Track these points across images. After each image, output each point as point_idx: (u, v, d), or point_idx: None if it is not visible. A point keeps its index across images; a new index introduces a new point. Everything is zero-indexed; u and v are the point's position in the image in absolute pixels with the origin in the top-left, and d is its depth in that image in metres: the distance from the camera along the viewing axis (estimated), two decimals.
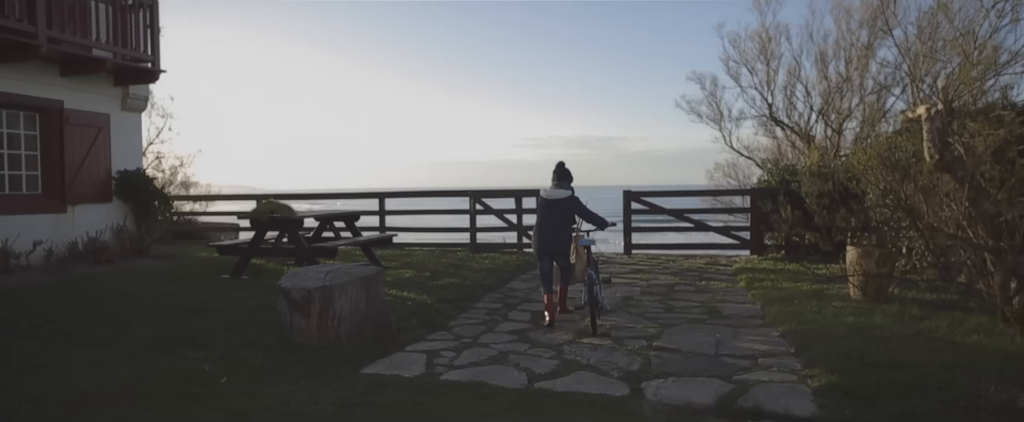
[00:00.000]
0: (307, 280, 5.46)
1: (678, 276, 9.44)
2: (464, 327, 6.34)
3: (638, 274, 9.67)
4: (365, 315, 5.62)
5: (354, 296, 5.51)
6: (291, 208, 8.91)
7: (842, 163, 10.09)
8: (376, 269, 5.85)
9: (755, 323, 6.36)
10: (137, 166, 12.20)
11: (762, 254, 11.26)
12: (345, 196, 14.29)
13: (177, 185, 22.86)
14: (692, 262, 11.04)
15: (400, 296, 7.54)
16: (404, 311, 6.68)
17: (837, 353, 4.84)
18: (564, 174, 6.66)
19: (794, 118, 14.96)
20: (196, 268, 9.94)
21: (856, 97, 13.68)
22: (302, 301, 5.31)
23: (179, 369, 4.81)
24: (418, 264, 10.28)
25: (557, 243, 6.47)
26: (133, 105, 11.87)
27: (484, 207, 12.40)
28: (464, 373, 4.84)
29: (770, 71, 14.56)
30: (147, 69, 11.29)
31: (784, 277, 8.79)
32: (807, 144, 13.98)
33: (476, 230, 12.45)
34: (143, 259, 11.08)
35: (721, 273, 9.78)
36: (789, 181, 11.14)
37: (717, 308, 7.14)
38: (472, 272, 9.49)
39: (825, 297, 7.22)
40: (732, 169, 16.12)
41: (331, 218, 10.41)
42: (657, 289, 8.40)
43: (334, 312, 5.35)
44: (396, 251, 12.21)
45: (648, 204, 11.82)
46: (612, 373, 4.80)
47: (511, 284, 8.91)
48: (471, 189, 12.54)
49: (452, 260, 10.85)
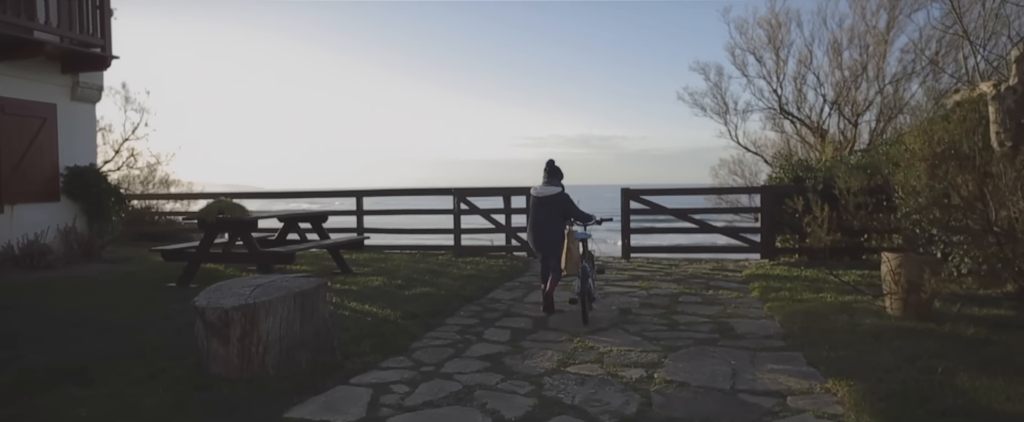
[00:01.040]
0: (227, 297, 4.42)
1: (682, 284, 8.40)
2: (428, 350, 5.30)
3: (637, 281, 8.63)
4: (300, 339, 4.59)
5: (286, 316, 4.48)
6: (244, 208, 7.88)
7: (884, 152, 9.03)
8: (317, 282, 4.81)
9: (776, 345, 5.33)
10: (90, 162, 11.16)
11: (774, 258, 10.23)
12: (321, 194, 13.22)
13: (156, 183, 21.87)
14: (697, 267, 10.00)
15: (360, 310, 6.51)
16: (359, 330, 5.64)
17: (890, 393, 3.80)
18: (554, 171, 6.69)
19: (805, 111, 13.90)
20: (145, 274, 8.91)
21: (874, 87, 12.60)
22: (218, 323, 4.28)
23: (48, 412, 3.77)
24: (392, 270, 9.25)
25: (548, 240, 6.52)
26: (84, 95, 10.82)
27: (469, 206, 11.37)
28: (414, 418, 3.81)
29: (779, 60, 13.51)
30: (97, 55, 10.26)
31: (802, 286, 7.75)
32: (820, 139, 12.93)
33: (461, 231, 11.42)
34: (92, 263, 10.06)
35: (730, 280, 8.74)
36: (803, 178, 10.11)
37: (729, 325, 6.10)
38: (451, 279, 8.45)
39: (855, 311, 6.18)
40: (738, 166, 15.08)
41: (296, 219, 9.38)
42: (659, 300, 7.37)
43: (259, 336, 4.32)
44: (373, 255, 11.18)
45: (648, 203, 10.77)
46: (602, 418, 3.77)
47: (493, 293, 7.87)
48: (455, 187, 11.50)
49: (431, 265, 9.81)
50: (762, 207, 10.41)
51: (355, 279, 8.49)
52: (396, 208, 12.50)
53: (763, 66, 13.86)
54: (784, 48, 13.61)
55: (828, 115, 13.47)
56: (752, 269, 9.45)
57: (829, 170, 9.95)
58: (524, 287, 8.32)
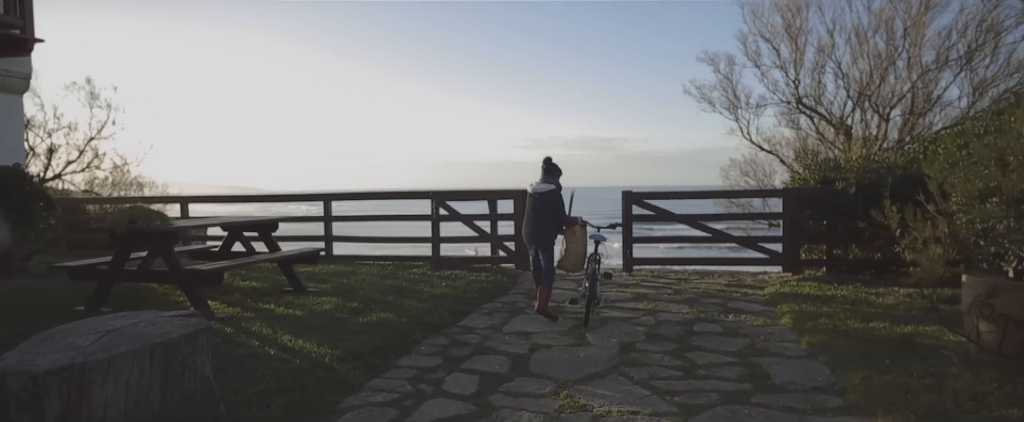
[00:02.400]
0: (52, 352, 3.04)
1: (695, 306, 7.02)
2: (362, 412, 3.92)
3: (641, 302, 7.25)
4: (160, 412, 3.20)
5: (137, 380, 3.10)
6: (164, 215, 6.49)
7: (936, 149, 7.65)
8: (195, 326, 3.42)
9: (833, 405, 3.94)
10: (16, 161, 9.78)
11: (798, 272, 8.87)
12: (285, 198, 11.85)
13: (128, 186, 20.47)
14: (709, 282, 8.62)
15: (290, 348, 5.13)
16: (275, 381, 4.26)
17: None
18: (551, 169, 6.66)
19: (825, 105, 12.52)
20: (59, 294, 7.54)
21: (905, 78, 11.22)
22: (26, 396, 2.90)
23: None
24: (352, 288, 7.87)
25: (540, 235, 6.50)
26: (5, 84, 9.45)
27: (450, 212, 9.98)
28: None
29: (797, 48, 12.12)
30: (15, 37, 8.88)
31: (841, 309, 6.37)
32: (844, 136, 11.54)
33: (440, 240, 10.03)
34: (10, 279, 8.70)
35: (751, 301, 7.36)
36: (832, 179, 8.75)
37: (762, 368, 4.72)
38: (418, 301, 7.08)
39: (924, 351, 4.80)
40: (750, 166, 13.68)
41: (240, 227, 8.00)
42: (668, 329, 5.99)
43: (90, 413, 2.94)
44: (340, 267, 9.80)
45: (653, 208, 9.40)
46: None
47: (468, 319, 6.49)
48: (434, 190, 10.11)
49: (401, 281, 8.43)
50: (784, 213, 9.03)
51: (304, 300, 7.11)
52: (370, 214, 11.11)
53: (779, 55, 12.49)
54: (802, 35, 12.25)
55: (851, 110, 12.09)
56: (775, 286, 8.06)
57: (865, 171, 8.60)
58: (506, 309, 6.94)
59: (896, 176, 8.33)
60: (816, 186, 8.93)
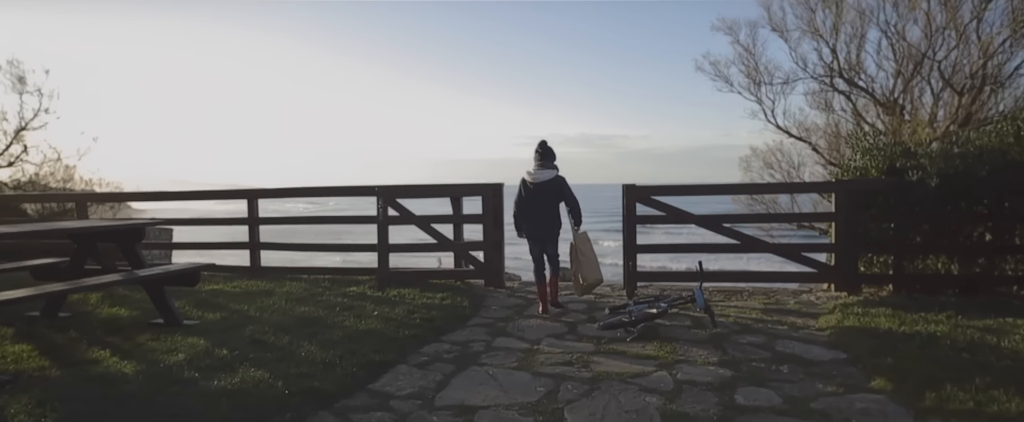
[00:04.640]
0: None
1: (730, 352, 4.79)
2: None
3: (650, 345, 5.02)
4: None
5: None
6: None
7: None
8: None
9: None
10: None
11: (855, 291, 6.66)
12: (205, 196, 9.56)
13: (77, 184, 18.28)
14: (739, 307, 6.39)
15: None
16: None
17: None
18: (547, 153, 6.10)
19: (866, 80, 10.31)
20: None
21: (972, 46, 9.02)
22: None
23: None
24: (244, 320, 5.64)
25: (545, 229, 6.08)
26: None
27: (402, 213, 7.74)
28: None
29: (836, 10, 9.88)
30: None
31: (958, 359, 4.15)
32: (896, 117, 9.31)
33: (388, 249, 7.79)
34: None
35: (808, 340, 5.13)
36: (904, 167, 6.56)
37: None
38: (325, 343, 4.84)
39: None
40: (775, 157, 11.44)
41: (94, 236, 5.78)
42: (694, 403, 3.77)
43: None
44: (260, 283, 7.58)
45: (662, 207, 7.15)
46: None
47: (385, 379, 4.24)
48: (380, 185, 7.85)
49: (324, 306, 6.22)
50: (837, 213, 6.80)
51: (161, 343, 4.88)
52: (304, 215, 8.88)
53: (812, 21, 10.25)
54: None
55: (902, 90, 9.83)
56: (833, 314, 5.84)
57: (947, 157, 6.41)
58: (453, 357, 4.72)
59: (996, 164, 6.16)
60: (878, 177, 6.72)
